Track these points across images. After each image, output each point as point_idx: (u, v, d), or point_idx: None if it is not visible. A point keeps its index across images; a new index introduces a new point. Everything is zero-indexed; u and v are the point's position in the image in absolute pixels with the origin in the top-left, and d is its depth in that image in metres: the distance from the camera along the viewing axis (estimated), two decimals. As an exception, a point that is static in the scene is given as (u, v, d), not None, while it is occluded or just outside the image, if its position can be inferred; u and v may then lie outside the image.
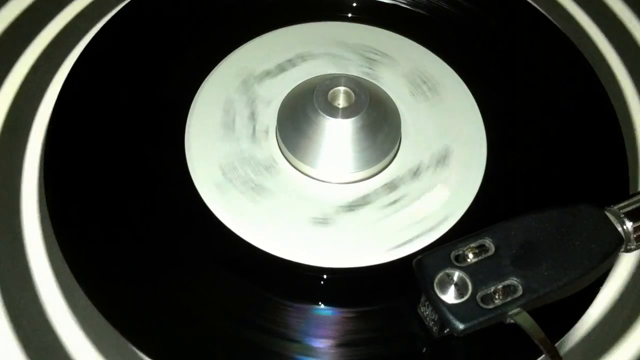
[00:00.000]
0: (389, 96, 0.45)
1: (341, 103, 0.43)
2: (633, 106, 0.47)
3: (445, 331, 0.36)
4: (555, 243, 0.37)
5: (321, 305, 0.39)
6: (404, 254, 0.41)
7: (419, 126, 0.45)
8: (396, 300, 0.39)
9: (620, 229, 0.38)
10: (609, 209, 0.39)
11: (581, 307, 0.40)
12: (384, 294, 0.40)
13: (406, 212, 0.42)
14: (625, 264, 0.42)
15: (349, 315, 0.39)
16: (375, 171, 0.43)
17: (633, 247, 0.38)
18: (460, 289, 0.36)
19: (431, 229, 0.42)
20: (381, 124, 0.43)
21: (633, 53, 0.50)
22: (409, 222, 0.42)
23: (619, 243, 0.38)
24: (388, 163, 0.43)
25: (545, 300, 0.36)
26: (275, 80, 0.46)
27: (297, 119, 0.42)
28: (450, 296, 0.36)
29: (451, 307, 0.35)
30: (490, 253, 0.37)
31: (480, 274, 0.36)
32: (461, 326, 0.35)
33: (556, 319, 0.38)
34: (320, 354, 0.38)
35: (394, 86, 0.46)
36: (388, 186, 0.43)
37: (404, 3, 0.50)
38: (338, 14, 0.49)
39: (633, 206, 0.38)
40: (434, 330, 0.37)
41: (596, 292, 0.40)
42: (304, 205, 0.42)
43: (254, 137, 0.44)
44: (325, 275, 0.40)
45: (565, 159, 0.44)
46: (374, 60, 0.47)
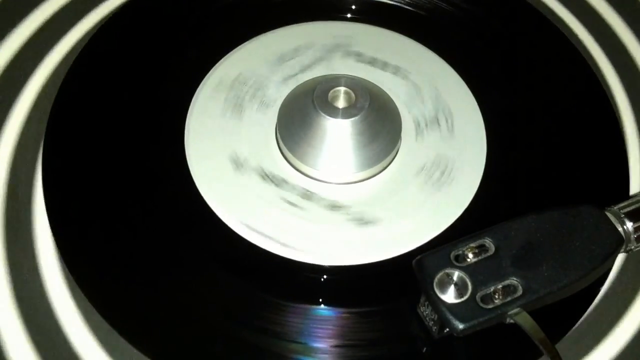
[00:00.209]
0: (389, 96, 0.45)
1: (341, 103, 0.43)
2: (634, 106, 0.48)
3: (445, 331, 0.36)
4: (556, 243, 0.37)
5: (321, 305, 0.39)
6: (404, 253, 0.40)
7: (419, 126, 0.45)
8: (396, 300, 0.39)
9: (620, 229, 0.38)
10: (609, 209, 0.39)
11: (581, 307, 0.40)
12: (384, 294, 0.40)
13: (406, 212, 0.42)
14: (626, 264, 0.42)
15: (348, 315, 0.39)
16: (376, 171, 0.43)
17: (633, 248, 0.38)
18: (460, 289, 0.36)
19: (431, 228, 0.41)
20: (381, 125, 0.43)
21: (623, 57, 0.50)
22: (409, 222, 0.42)
23: (619, 243, 0.38)
24: (388, 163, 0.43)
25: (546, 301, 0.36)
26: (276, 80, 0.46)
27: (298, 119, 0.42)
28: (450, 296, 0.36)
29: (451, 307, 0.35)
30: (490, 253, 0.37)
31: (480, 274, 0.36)
32: (461, 326, 0.35)
33: (556, 319, 0.38)
34: (319, 354, 0.38)
35: (394, 86, 0.46)
36: (388, 186, 0.43)
37: (404, 3, 0.50)
38: (338, 14, 0.49)
39: (633, 206, 0.39)
40: (434, 330, 0.37)
41: (596, 292, 0.40)
42: (304, 205, 0.42)
43: (254, 137, 0.44)
44: (325, 275, 0.40)
45: (566, 159, 0.44)
46: (374, 59, 0.47)
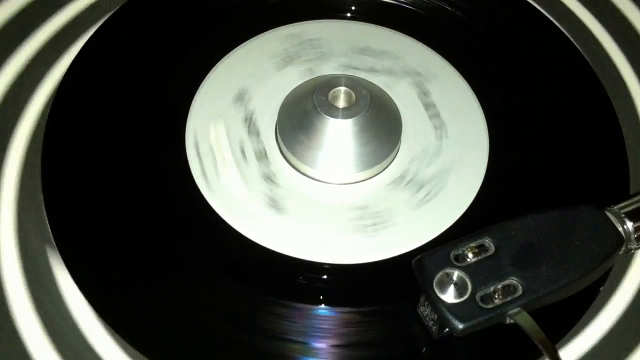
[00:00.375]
0: (390, 96, 0.45)
1: (341, 103, 0.43)
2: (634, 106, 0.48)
3: (445, 331, 0.36)
4: (556, 243, 0.37)
5: (321, 305, 0.39)
6: (404, 251, 0.40)
7: (419, 126, 0.45)
8: (395, 300, 0.39)
9: (620, 229, 0.38)
10: (609, 209, 0.39)
11: (581, 307, 0.39)
12: (384, 294, 0.40)
13: (407, 213, 0.42)
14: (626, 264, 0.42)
15: (348, 316, 0.39)
16: (376, 172, 0.43)
17: (633, 247, 0.38)
18: (460, 289, 0.36)
19: (432, 228, 0.41)
20: (382, 125, 0.43)
21: (634, 53, 0.49)
22: (409, 222, 0.42)
23: (619, 243, 0.37)
24: (389, 163, 0.43)
25: (546, 301, 0.36)
26: (276, 79, 0.46)
27: (298, 119, 0.42)
28: (449, 296, 0.35)
29: (450, 307, 0.35)
30: (490, 253, 0.37)
31: (479, 273, 0.36)
32: (460, 326, 0.35)
33: (556, 319, 0.38)
34: (319, 354, 0.38)
35: (395, 86, 0.46)
36: (388, 186, 0.43)
37: (405, 2, 0.50)
38: (337, 13, 0.49)
39: (633, 206, 0.38)
40: (434, 330, 0.37)
41: (596, 292, 0.40)
42: (304, 205, 0.42)
43: (255, 137, 0.44)
44: (325, 275, 0.40)
45: (566, 159, 0.44)
46: (375, 59, 0.47)
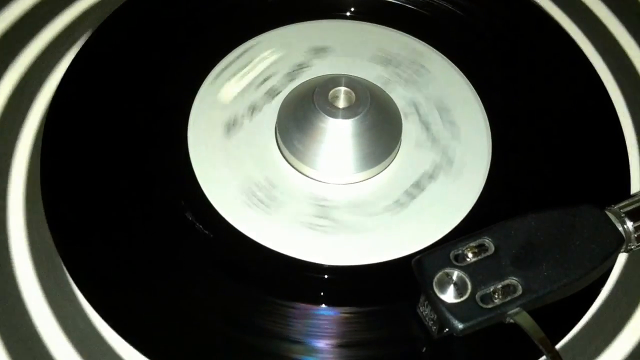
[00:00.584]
0: (390, 96, 0.45)
1: (342, 103, 0.43)
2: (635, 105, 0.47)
3: (445, 331, 0.36)
4: (556, 243, 0.37)
5: (321, 305, 0.39)
6: (405, 254, 0.40)
7: (420, 126, 0.45)
8: (395, 300, 0.39)
9: (620, 228, 0.38)
10: (609, 208, 0.38)
11: (582, 307, 0.39)
12: (384, 294, 0.40)
13: (407, 212, 0.42)
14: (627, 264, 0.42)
15: (348, 316, 0.39)
16: (376, 172, 0.43)
17: (634, 247, 0.38)
18: (460, 289, 0.36)
19: (434, 229, 0.41)
20: (382, 125, 0.43)
21: (621, 57, 0.49)
22: (410, 223, 0.42)
23: (619, 243, 0.37)
24: (389, 163, 0.43)
25: (546, 301, 0.36)
26: (276, 79, 0.46)
27: (298, 119, 0.42)
28: (449, 296, 0.35)
29: (450, 307, 0.35)
30: (489, 253, 0.37)
31: (479, 273, 0.36)
32: (460, 326, 0.35)
33: (556, 319, 0.38)
34: (319, 354, 0.38)
35: (395, 85, 0.46)
36: (389, 187, 0.43)
37: (407, 2, 0.50)
38: (339, 13, 0.49)
39: (634, 206, 0.38)
40: (433, 330, 0.37)
41: (597, 292, 0.40)
42: (304, 206, 0.42)
43: (255, 137, 0.44)
44: (325, 275, 0.40)
45: (567, 159, 0.44)
46: (375, 59, 0.47)
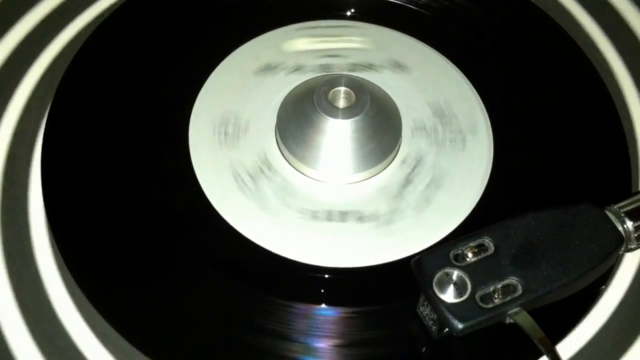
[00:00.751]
0: (390, 96, 0.45)
1: (341, 103, 0.43)
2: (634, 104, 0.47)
3: (445, 331, 0.36)
4: (555, 242, 0.37)
5: (321, 305, 0.39)
6: (406, 255, 0.40)
7: (420, 126, 0.45)
8: (395, 300, 0.39)
9: (620, 228, 0.38)
10: (609, 208, 0.38)
11: (582, 307, 0.39)
12: (384, 294, 0.40)
13: (407, 212, 0.42)
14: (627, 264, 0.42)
15: (347, 316, 0.39)
16: (376, 172, 0.43)
17: (633, 247, 0.38)
18: (460, 289, 0.36)
19: (434, 229, 0.41)
20: (382, 125, 0.43)
21: (634, 51, 0.49)
22: (410, 223, 0.42)
23: (619, 242, 0.37)
24: (389, 163, 0.43)
25: (546, 300, 0.36)
26: (276, 79, 0.46)
27: (297, 119, 0.42)
28: (449, 295, 0.35)
29: (450, 307, 0.35)
30: (489, 252, 0.37)
31: (479, 273, 0.36)
32: (460, 326, 0.35)
33: (556, 319, 0.38)
34: (319, 354, 0.38)
35: (395, 85, 0.46)
36: (389, 187, 0.43)
37: (407, 2, 0.50)
38: (338, 13, 0.49)
39: (633, 205, 0.38)
40: (433, 330, 0.37)
41: (597, 292, 0.40)
42: (304, 206, 0.42)
43: (255, 137, 0.44)
44: (325, 275, 0.40)
45: (567, 158, 0.44)
46: (375, 59, 0.47)
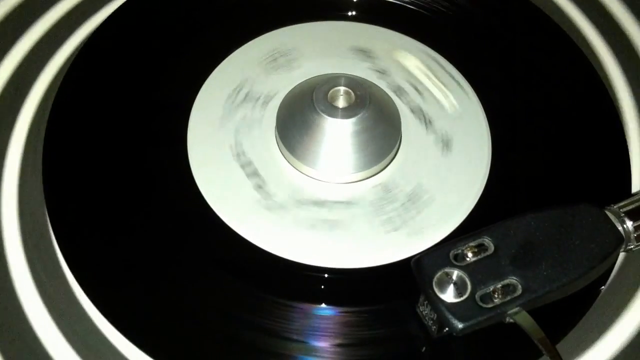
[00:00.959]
0: (389, 96, 0.45)
1: (341, 103, 0.43)
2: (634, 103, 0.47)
3: (444, 330, 0.36)
4: (555, 242, 0.37)
5: (321, 305, 0.39)
6: (406, 256, 0.40)
7: (419, 126, 0.45)
8: (395, 299, 0.39)
9: (620, 228, 0.38)
10: (609, 208, 0.38)
11: (582, 307, 0.39)
12: (383, 294, 0.40)
13: (407, 212, 0.42)
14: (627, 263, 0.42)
15: (347, 316, 0.39)
16: (376, 171, 0.43)
17: (633, 247, 0.38)
18: (459, 288, 0.36)
19: (434, 229, 0.41)
20: (381, 124, 0.43)
21: (629, 52, 0.49)
22: (410, 223, 0.42)
23: (619, 242, 0.37)
24: (388, 163, 0.43)
25: (545, 300, 0.36)
26: (277, 79, 0.46)
27: (297, 118, 0.42)
28: (449, 295, 0.35)
29: (450, 307, 0.35)
30: (489, 252, 0.37)
31: (479, 273, 0.36)
32: (460, 325, 0.35)
33: (556, 319, 0.38)
34: (318, 354, 0.38)
35: (395, 85, 0.46)
36: (389, 186, 0.43)
37: (405, 2, 0.50)
38: (338, 13, 0.49)
39: (633, 205, 0.38)
40: (433, 329, 0.37)
41: (597, 292, 0.40)
42: (304, 205, 0.42)
43: (255, 137, 0.44)
44: (325, 275, 0.40)
45: (566, 158, 0.44)
46: (374, 59, 0.47)
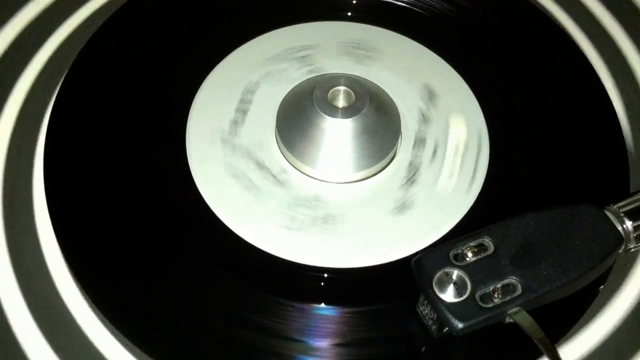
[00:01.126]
0: (389, 96, 0.45)
1: (341, 103, 0.43)
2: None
3: (444, 330, 0.36)
4: (555, 242, 0.37)
5: (321, 305, 0.39)
6: (405, 255, 0.40)
7: (419, 126, 0.45)
8: (395, 299, 0.39)
9: (620, 228, 0.38)
10: (608, 208, 0.38)
11: (581, 307, 0.39)
12: (383, 294, 0.40)
13: (406, 212, 0.42)
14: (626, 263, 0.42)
15: (347, 315, 0.39)
16: (375, 171, 0.43)
17: (633, 247, 0.38)
18: (459, 288, 0.36)
19: (433, 229, 0.41)
20: (381, 124, 0.43)
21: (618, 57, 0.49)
22: (409, 222, 0.42)
23: (618, 242, 0.37)
24: (388, 163, 0.43)
25: (545, 300, 0.36)
26: (277, 79, 0.46)
27: (297, 118, 0.42)
28: (449, 295, 0.36)
29: (450, 306, 0.35)
30: (489, 252, 0.37)
31: (479, 273, 0.36)
32: (460, 325, 0.35)
33: (556, 319, 0.38)
34: (318, 354, 0.38)
35: (394, 85, 0.46)
36: (388, 186, 0.43)
37: (406, 3, 0.50)
38: (339, 13, 0.49)
39: (633, 205, 0.38)
40: (433, 329, 0.37)
41: (596, 292, 0.40)
42: (303, 205, 0.42)
43: (255, 136, 0.44)
44: (325, 275, 0.40)
45: (566, 158, 0.44)
46: (374, 59, 0.47)
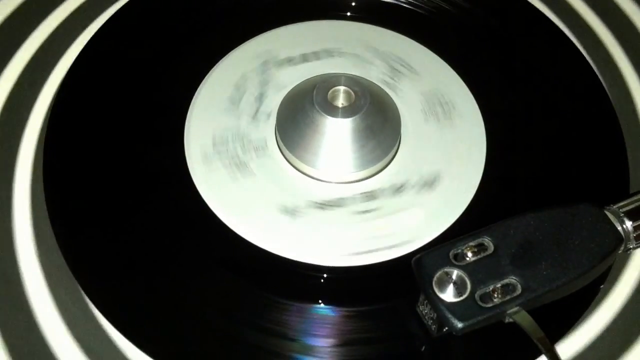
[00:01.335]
0: (389, 95, 0.45)
1: (341, 102, 0.43)
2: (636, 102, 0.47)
3: (444, 330, 0.36)
4: (555, 242, 0.37)
5: (320, 304, 0.39)
6: (404, 253, 0.40)
7: (418, 126, 0.45)
8: (395, 299, 0.39)
9: (619, 228, 0.38)
10: (608, 208, 0.39)
11: (581, 307, 0.39)
12: (383, 293, 0.40)
13: (406, 211, 0.42)
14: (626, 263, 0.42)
15: (347, 315, 0.39)
16: (375, 171, 0.43)
17: (632, 247, 0.38)
18: (459, 288, 0.36)
19: (432, 228, 0.41)
20: (381, 124, 0.43)
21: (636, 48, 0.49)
22: (409, 221, 0.42)
23: (618, 242, 0.37)
24: (389, 162, 0.43)
25: (545, 300, 0.36)
26: (275, 80, 0.46)
27: (297, 118, 0.42)
28: (449, 295, 0.36)
29: (450, 306, 0.35)
30: (489, 252, 0.37)
31: (479, 272, 0.36)
32: (460, 325, 0.35)
33: (556, 319, 0.38)
34: (318, 354, 0.38)
35: (394, 85, 0.46)
36: (387, 186, 0.43)
37: (403, 2, 0.50)
38: (338, 13, 0.49)
39: (633, 205, 0.38)
40: (433, 329, 0.37)
41: (596, 292, 0.40)
42: (303, 204, 0.42)
43: (254, 136, 0.44)
44: (325, 274, 0.40)
45: (566, 158, 0.44)
46: (373, 59, 0.47)
